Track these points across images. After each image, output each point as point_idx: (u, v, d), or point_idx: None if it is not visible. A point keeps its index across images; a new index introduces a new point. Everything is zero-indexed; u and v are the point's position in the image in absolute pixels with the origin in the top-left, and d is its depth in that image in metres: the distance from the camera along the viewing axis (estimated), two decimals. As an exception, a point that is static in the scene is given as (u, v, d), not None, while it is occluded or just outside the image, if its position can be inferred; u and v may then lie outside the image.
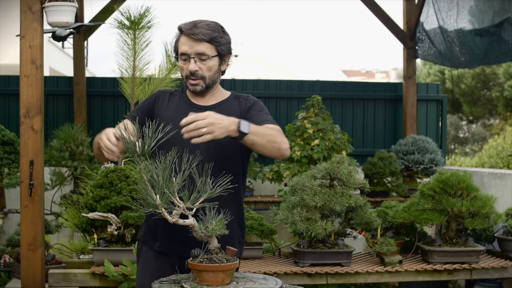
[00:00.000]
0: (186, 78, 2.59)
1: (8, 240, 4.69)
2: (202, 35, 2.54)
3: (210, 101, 2.65)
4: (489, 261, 4.18)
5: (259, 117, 2.59)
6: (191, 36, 2.54)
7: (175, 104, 2.64)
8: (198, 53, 2.55)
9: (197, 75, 2.57)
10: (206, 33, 2.55)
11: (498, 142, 13.33)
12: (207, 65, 2.57)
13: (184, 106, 2.62)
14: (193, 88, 2.59)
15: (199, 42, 2.54)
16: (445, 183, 3.99)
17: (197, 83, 2.58)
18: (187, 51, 2.55)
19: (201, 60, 2.55)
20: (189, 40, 2.55)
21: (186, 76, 2.59)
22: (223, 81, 7.08)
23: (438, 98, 7.38)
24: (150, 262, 2.63)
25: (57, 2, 3.95)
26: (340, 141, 5.68)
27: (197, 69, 2.56)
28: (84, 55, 6.67)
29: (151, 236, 2.64)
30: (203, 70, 2.57)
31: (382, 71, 43.52)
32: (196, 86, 2.58)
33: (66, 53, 16.42)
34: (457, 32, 6.02)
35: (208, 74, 2.58)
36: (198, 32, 2.54)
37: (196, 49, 2.54)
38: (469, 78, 20.18)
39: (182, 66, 2.59)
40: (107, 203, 3.97)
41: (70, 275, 3.89)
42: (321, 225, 3.67)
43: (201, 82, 2.58)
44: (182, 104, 2.64)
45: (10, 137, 5.49)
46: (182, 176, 2.19)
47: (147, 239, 2.66)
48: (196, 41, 2.54)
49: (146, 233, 2.67)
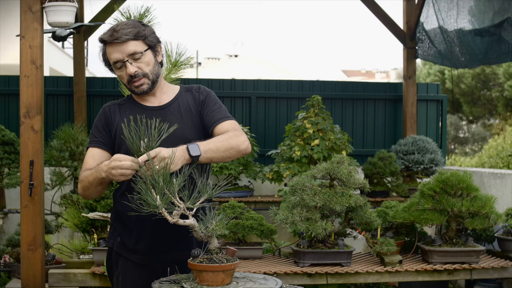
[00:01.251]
0: (129, 83, 2.53)
1: (8, 240, 4.69)
2: (125, 35, 2.48)
3: (162, 99, 2.60)
4: (489, 261, 4.18)
5: (214, 115, 2.54)
6: (115, 41, 2.48)
7: (128, 112, 2.57)
8: (129, 54, 2.49)
9: (138, 75, 2.51)
10: (127, 32, 2.49)
11: (498, 142, 13.33)
12: (143, 62, 2.52)
13: (139, 111, 2.54)
14: (140, 90, 2.53)
15: (126, 43, 2.48)
16: (445, 183, 3.99)
17: (142, 82, 2.52)
18: (118, 58, 2.49)
19: (135, 59, 2.50)
20: (115, 46, 2.48)
21: (128, 81, 2.52)
22: (223, 81, 7.14)
23: (438, 98, 7.38)
24: (131, 272, 2.56)
25: (57, 2, 3.95)
26: (340, 141, 5.68)
27: (136, 70, 2.50)
28: (84, 55, 6.66)
29: (127, 250, 2.56)
30: (142, 68, 2.51)
31: (382, 71, 43.53)
32: (142, 86, 2.53)
33: (66, 53, 16.43)
34: (457, 32, 6.01)
35: (148, 70, 2.53)
36: (120, 35, 2.48)
37: (126, 51, 2.48)
38: (469, 78, 20.18)
39: (120, 74, 2.53)
40: (107, 203, 3.97)
41: (70, 275, 3.89)
42: (321, 225, 3.67)
43: (145, 80, 2.53)
44: (135, 110, 2.57)
45: (10, 137, 5.49)
46: (182, 177, 2.19)
47: (123, 251, 2.58)
48: (122, 44, 2.48)
49: (121, 244, 2.58)
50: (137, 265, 2.56)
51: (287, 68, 34.79)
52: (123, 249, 2.58)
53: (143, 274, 2.54)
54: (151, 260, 2.54)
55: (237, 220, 4.12)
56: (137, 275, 2.55)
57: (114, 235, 2.62)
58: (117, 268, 2.61)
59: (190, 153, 2.31)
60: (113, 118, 2.57)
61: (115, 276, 2.62)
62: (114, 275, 2.63)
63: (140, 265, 2.55)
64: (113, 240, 2.62)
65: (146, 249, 2.54)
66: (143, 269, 2.55)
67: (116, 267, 2.61)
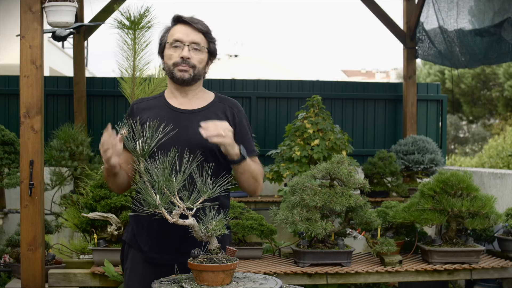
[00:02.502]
0: (174, 65, 2.53)
1: (8, 240, 4.69)
2: (201, 26, 2.55)
3: (194, 104, 2.60)
4: (489, 261, 4.18)
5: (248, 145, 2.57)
6: (190, 24, 2.53)
7: (155, 110, 2.57)
8: (193, 42, 2.53)
9: (188, 63, 2.53)
10: (204, 26, 2.56)
11: (498, 142, 13.34)
12: (198, 57, 2.55)
13: (166, 112, 2.56)
14: (181, 75, 2.54)
15: (196, 32, 2.54)
16: (445, 183, 3.98)
17: (187, 69, 2.53)
18: (182, 39, 2.52)
19: (194, 49, 2.54)
20: (186, 28, 2.54)
21: (175, 63, 2.53)
22: (223, 81, 7.13)
23: (438, 98, 7.38)
24: (139, 267, 2.58)
25: (57, 2, 3.95)
26: (340, 141, 5.68)
27: (190, 57, 2.52)
28: (84, 55, 6.66)
29: (137, 244, 2.59)
30: (195, 60, 2.54)
31: (382, 71, 43.54)
32: (185, 73, 2.53)
33: (66, 53, 16.43)
34: (457, 32, 6.01)
35: (198, 66, 2.55)
36: (197, 22, 2.55)
37: (192, 37, 2.53)
38: (469, 78, 20.19)
39: (172, 54, 2.54)
40: (107, 203, 3.97)
41: (70, 275, 3.89)
42: (321, 225, 3.67)
43: (190, 70, 2.54)
44: (163, 109, 2.58)
45: (10, 137, 5.49)
46: (182, 176, 2.19)
47: (133, 244, 2.61)
48: (194, 29, 2.53)
49: (133, 237, 2.61)
50: (145, 262, 2.57)
51: (287, 68, 34.80)
52: (134, 242, 2.60)
53: (150, 271, 2.54)
54: (159, 261, 2.54)
55: (237, 220, 4.12)
56: (145, 272, 2.55)
57: (129, 229, 2.66)
58: (126, 261, 2.63)
59: (241, 151, 2.43)
60: (137, 115, 2.57)
61: (124, 269, 2.65)
62: (124, 268, 2.66)
63: (148, 262, 2.56)
64: (127, 233, 2.66)
65: (155, 249, 2.54)
66: (151, 267, 2.55)
67: (126, 259, 2.64)
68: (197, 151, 2.38)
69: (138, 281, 2.55)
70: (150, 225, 2.50)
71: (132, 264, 2.60)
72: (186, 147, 2.36)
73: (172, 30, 2.57)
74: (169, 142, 2.38)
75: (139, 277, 2.56)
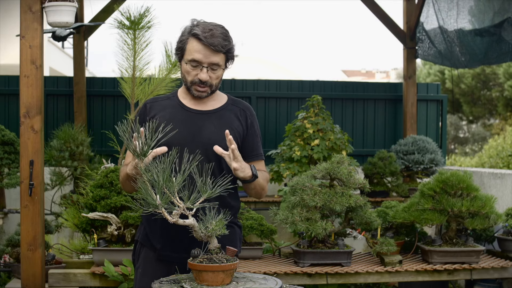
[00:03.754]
0: (192, 84, 2.54)
1: (8, 240, 4.69)
2: (221, 47, 2.49)
3: (209, 105, 2.62)
4: (489, 261, 4.18)
5: (257, 148, 2.63)
6: (210, 46, 2.48)
7: (169, 110, 2.59)
8: (212, 63, 2.51)
9: (206, 84, 2.54)
10: (224, 45, 2.50)
11: (498, 142, 13.34)
12: (216, 75, 2.55)
13: (180, 112, 2.58)
14: (199, 94, 2.56)
15: (216, 54, 2.50)
16: (445, 183, 3.99)
17: (205, 90, 2.55)
18: (201, 60, 2.50)
19: (212, 70, 2.52)
20: (205, 49, 2.48)
21: (193, 81, 2.54)
22: (223, 81, 7.12)
23: (438, 98, 7.37)
24: (151, 266, 2.60)
25: (57, 2, 3.94)
26: (340, 141, 5.68)
27: (208, 79, 2.52)
28: (84, 55, 6.66)
29: (150, 242, 2.60)
30: (212, 79, 2.54)
31: (382, 71, 43.54)
32: (202, 93, 2.56)
33: (66, 53, 16.43)
34: (457, 32, 6.01)
35: (215, 83, 2.57)
36: (217, 44, 2.48)
37: (211, 59, 2.50)
38: (469, 78, 20.18)
39: (190, 71, 2.53)
40: (107, 203, 3.97)
41: (70, 275, 3.89)
42: (321, 225, 3.67)
43: (208, 90, 2.56)
44: (177, 109, 2.59)
45: (10, 137, 5.49)
46: (182, 176, 2.19)
47: (146, 242, 2.63)
48: (213, 52, 2.49)
49: (145, 236, 2.63)
50: (158, 260, 2.58)
51: (287, 68, 34.79)
52: (146, 241, 2.61)
53: (162, 270, 2.55)
54: (172, 259, 2.56)
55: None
56: (157, 269, 2.57)
57: (141, 228, 2.67)
58: (138, 260, 2.65)
59: (253, 171, 2.47)
60: (153, 113, 2.58)
61: (136, 268, 2.66)
62: (135, 267, 2.67)
63: (160, 260, 2.58)
64: (139, 233, 2.67)
65: (168, 247, 2.56)
66: (163, 265, 2.57)
67: (138, 258, 2.65)
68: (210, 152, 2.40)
69: (150, 280, 2.55)
70: (163, 223, 2.49)
71: (145, 264, 2.61)
72: (200, 148, 2.39)
73: (191, 46, 2.50)
74: (183, 142, 2.41)
75: (151, 276, 2.56)
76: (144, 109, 2.63)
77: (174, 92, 2.69)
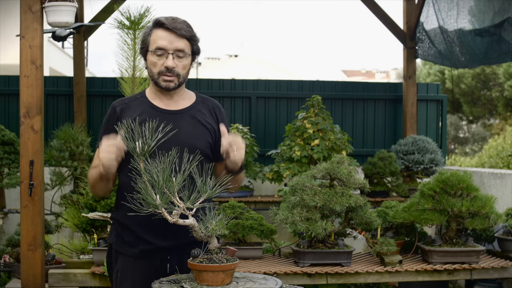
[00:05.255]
0: (159, 74, 2.50)
1: (8, 240, 4.69)
2: (184, 31, 2.48)
3: (180, 104, 2.59)
4: (489, 261, 4.18)
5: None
6: (174, 30, 2.46)
7: (139, 111, 2.54)
8: (177, 50, 2.48)
9: (173, 72, 2.50)
10: (187, 30, 2.49)
11: (498, 142, 13.34)
12: (182, 63, 2.51)
13: (152, 113, 2.53)
14: (167, 85, 2.51)
15: (180, 38, 2.48)
16: (445, 183, 3.99)
17: (172, 79, 2.51)
18: (166, 46, 2.47)
19: (178, 57, 2.49)
20: (170, 35, 2.47)
21: (159, 72, 2.50)
22: (223, 81, 7.13)
23: (438, 98, 7.38)
24: (130, 267, 2.54)
25: (57, 2, 3.95)
26: (340, 141, 5.68)
27: (175, 66, 2.49)
28: (84, 55, 6.66)
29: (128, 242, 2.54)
30: (179, 68, 2.51)
31: (382, 71, 43.57)
32: (170, 82, 2.51)
33: (66, 53, 16.44)
34: (457, 32, 6.01)
35: (182, 72, 2.53)
36: (180, 28, 2.47)
37: (176, 45, 2.48)
38: (469, 78, 20.19)
39: (156, 62, 2.49)
40: (107, 203, 3.97)
41: (70, 275, 3.89)
42: (321, 225, 3.67)
43: (175, 79, 2.52)
44: (148, 110, 2.55)
45: (10, 137, 5.49)
46: (182, 176, 2.19)
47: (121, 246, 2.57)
48: (177, 36, 2.47)
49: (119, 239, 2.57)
50: (136, 260, 2.54)
51: (287, 68, 34.82)
52: (122, 245, 2.57)
53: (142, 269, 2.52)
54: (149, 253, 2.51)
55: (237, 220, 4.12)
56: (136, 270, 2.53)
57: (113, 231, 2.63)
58: (116, 264, 2.60)
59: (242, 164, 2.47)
60: (124, 117, 2.52)
61: (114, 272, 2.62)
62: (114, 271, 2.62)
63: (139, 260, 2.53)
64: (113, 237, 2.62)
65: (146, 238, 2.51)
66: (142, 264, 2.53)
67: (116, 263, 2.60)
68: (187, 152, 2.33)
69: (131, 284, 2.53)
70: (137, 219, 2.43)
71: (123, 266, 2.56)
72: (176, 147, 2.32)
73: (155, 35, 2.49)
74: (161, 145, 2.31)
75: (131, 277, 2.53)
76: (113, 112, 2.57)
77: (141, 93, 2.64)
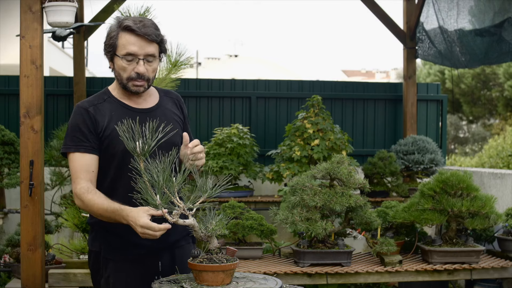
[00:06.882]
0: (129, 80, 2.48)
1: (8, 240, 4.69)
2: (155, 36, 2.44)
3: (149, 101, 2.58)
4: (489, 261, 4.18)
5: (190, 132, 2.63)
6: (144, 36, 2.42)
7: (115, 112, 2.51)
8: (148, 55, 2.45)
9: (143, 77, 2.48)
10: (157, 34, 2.46)
11: (498, 142, 13.34)
12: (152, 67, 2.49)
13: (128, 113, 2.50)
14: (136, 90, 2.49)
15: (150, 43, 2.44)
16: (445, 183, 3.99)
17: (142, 84, 2.49)
18: (136, 52, 2.43)
19: (148, 62, 2.47)
20: (139, 40, 2.43)
21: (129, 77, 2.47)
22: (223, 81, 7.13)
23: (438, 98, 7.37)
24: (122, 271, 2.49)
25: (57, 2, 3.94)
26: (340, 141, 5.68)
27: (145, 71, 2.47)
28: (84, 55, 6.66)
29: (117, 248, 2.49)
30: (149, 72, 2.48)
31: (382, 71, 43.58)
32: (140, 87, 2.49)
33: (66, 53, 16.43)
34: (457, 32, 6.01)
35: (152, 76, 2.51)
36: (151, 33, 2.43)
37: (147, 50, 2.44)
38: (469, 78, 20.19)
39: (126, 67, 2.46)
40: (107, 203, 3.97)
41: (70, 275, 3.89)
42: (321, 225, 3.67)
43: (145, 84, 2.50)
44: (123, 111, 2.52)
45: (10, 137, 5.49)
46: (182, 176, 2.19)
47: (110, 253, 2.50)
48: (147, 42, 2.43)
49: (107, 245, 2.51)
50: (128, 263, 2.50)
51: (287, 68, 34.84)
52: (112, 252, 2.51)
53: (134, 271, 2.49)
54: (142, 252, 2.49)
55: (237, 220, 4.12)
56: (129, 272, 2.49)
57: (98, 238, 2.55)
58: (106, 271, 2.52)
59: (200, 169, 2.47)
60: (98, 119, 2.48)
61: (104, 278, 2.53)
62: (103, 277, 2.54)
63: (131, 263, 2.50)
64: (98, 244, 2.54)
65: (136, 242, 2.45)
66: (134, 266, 2.50)
67: (105, 269, 2.53)
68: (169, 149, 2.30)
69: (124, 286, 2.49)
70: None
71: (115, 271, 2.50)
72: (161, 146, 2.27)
73: (124, 40, 2.44)
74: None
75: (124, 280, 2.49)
76: (87, 114, 2.48)
77: (105, 92, 2.60)
